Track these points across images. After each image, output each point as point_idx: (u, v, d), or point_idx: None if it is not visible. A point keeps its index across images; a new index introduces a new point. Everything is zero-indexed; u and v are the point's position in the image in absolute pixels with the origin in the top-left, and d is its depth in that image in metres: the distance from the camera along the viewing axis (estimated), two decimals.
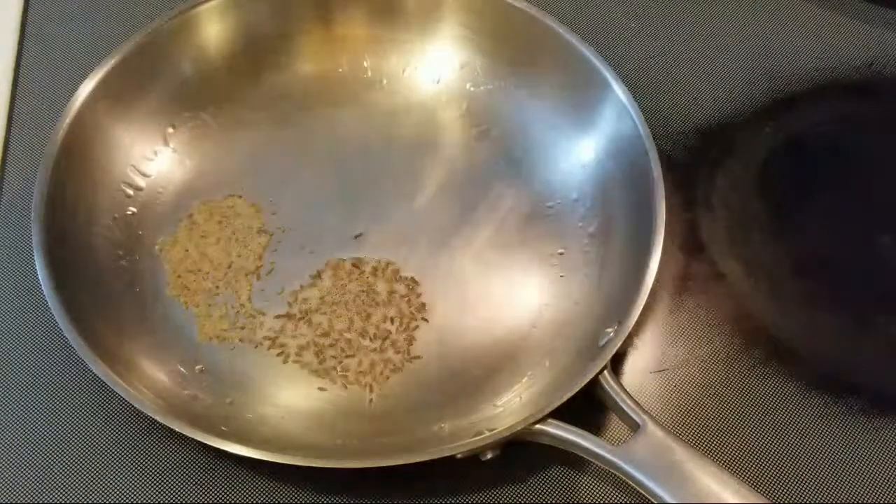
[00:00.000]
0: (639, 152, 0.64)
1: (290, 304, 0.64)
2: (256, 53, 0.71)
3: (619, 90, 0.66)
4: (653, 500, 0.53)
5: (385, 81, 0.73)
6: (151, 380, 0.59)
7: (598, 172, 0.68)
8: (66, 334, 0.57)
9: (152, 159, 0.68)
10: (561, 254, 0.66)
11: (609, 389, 0.56)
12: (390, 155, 0.70)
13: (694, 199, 0.70)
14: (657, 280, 0.59)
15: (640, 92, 0.67)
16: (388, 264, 0.65)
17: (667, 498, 0.52)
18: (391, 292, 0.64)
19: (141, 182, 0.67)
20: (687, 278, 0.67)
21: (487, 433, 0.56)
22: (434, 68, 0.73)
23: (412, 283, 0.65)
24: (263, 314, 0.63)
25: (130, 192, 0.67)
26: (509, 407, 0.60)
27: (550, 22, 0.68)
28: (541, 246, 0.67)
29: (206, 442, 0.55)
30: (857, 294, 0.67)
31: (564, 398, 0.55)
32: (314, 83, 0.73)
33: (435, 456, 0.55)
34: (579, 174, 0.68)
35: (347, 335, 0.63)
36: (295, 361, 0.62)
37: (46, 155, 0.62)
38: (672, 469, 0.53)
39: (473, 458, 0.56)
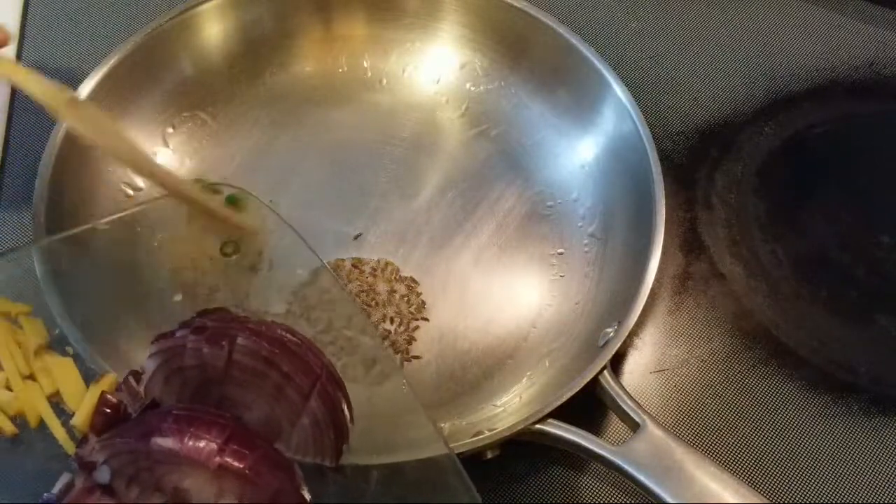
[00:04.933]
0: (639, 152, 0.64)
1: (289, 303, 0.64)
2: (256, 53, 0.72)
3: (619, 90, 0.66)
4: (653, 500, 0.53)
5: (385, 81, 0.73)
6: None
7: (598, 172, 0.68)
8: (66, 332, 0.56)
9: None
10: (561, 254, 0.66)
11: (609, 389, 0.56)
12: (390, 155, 0.70)
13: (694, 199, 0.70)
14: (657, 280, 0.59)
15: (640, 92, 0.67)
16: (387, 264, 0.65)
17: (667, 498, 0.52)
18: (391, 292, 0.64)
19: (141, 182, 0.67)
20: (687, 278, 0.67)
21: (487, 433, 0.56)
22: (434, 68, 0.73)
23: (412, 283, 0.65)
24: (264, 312, 0.63)
25: (130, 192, 0.67)
26: (509, 407, 0.60)
27: (550, 22, 0.69)
28: (541, 246, 0.67)
29: None
30: (857, 294, 0.67)
31: (564, 398, 0.55)
32: (314, 83, 0.73)
33: None
34: (579, 174, 0.68)
35: (347, 333, 0.63)
36: None
37: (46, 155, 0.62)
38: (672, 469, 0.53)
39: (474, 458, 0.56)
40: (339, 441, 0.49)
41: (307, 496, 0.48)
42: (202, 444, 0.45)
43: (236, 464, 0.45)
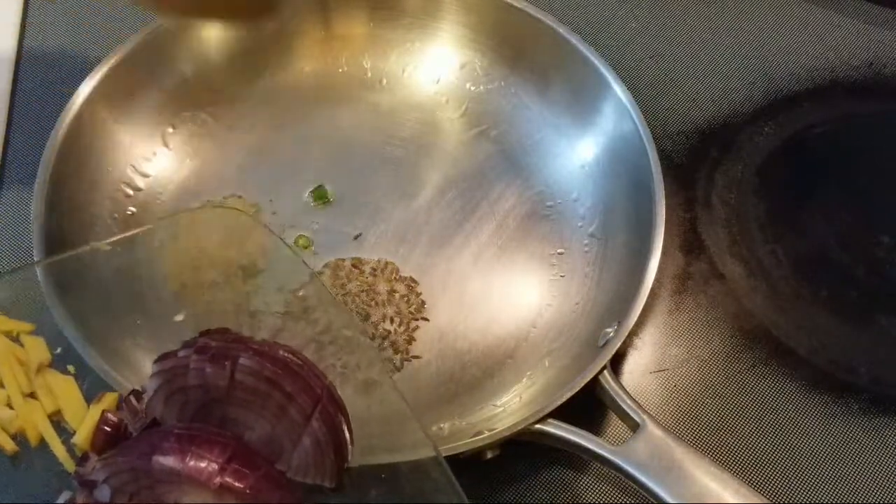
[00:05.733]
0: (639, 152, 0.64)
1: (289, 303, 0.64)
2: (256, 53, 0.71)
3: (619, 90, 0.66)
4: (652, 499, 0.53)
5: (385, 81, 0.73)
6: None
7: (598, 172, 0.68)
8: (65, 332, 0.56)
9: (151, 160, 0.68)
10: (561, 254, 0.66)
11: (609, 389, 0.56)
12: (390, 155, 0.70)
13: (694, 199, 0.70)
14: (657, 280, 0.59)
15: (640, 92, 0.67)
16: (387, 264, 0.65)
17: (667, 498, 0.52)
18: (391, 292, 0.64)
19: (140, 183, 0.67)
20: (687, 278, 0.67)
21: (487, 433, 0.56)
22: (434, 68, 0.73)
23: (412, 283, 0.65)
24: (263, 312, 0.63)
25: (130, 192, 0.67)
26: (509, 407, 0.60)
27: (550, 22, 0.69)
28: (541, 246, 0.67)
29: None
30: (857, 294, 0.67)
31: (564, 398, 0.55)
32: (314, 83, 0.73)
33: None
34: (579, 174, 0.68)
35: (347, 333, 0.63)
36: None
37: (46, 155, 0.62)
38: (672, 469, 0.53)
39: (474, 458, 0.56)
40: (339, 462, 0.49)
41: None
42: (203, 463, 0.46)
43: (237, 483, 0.46)
